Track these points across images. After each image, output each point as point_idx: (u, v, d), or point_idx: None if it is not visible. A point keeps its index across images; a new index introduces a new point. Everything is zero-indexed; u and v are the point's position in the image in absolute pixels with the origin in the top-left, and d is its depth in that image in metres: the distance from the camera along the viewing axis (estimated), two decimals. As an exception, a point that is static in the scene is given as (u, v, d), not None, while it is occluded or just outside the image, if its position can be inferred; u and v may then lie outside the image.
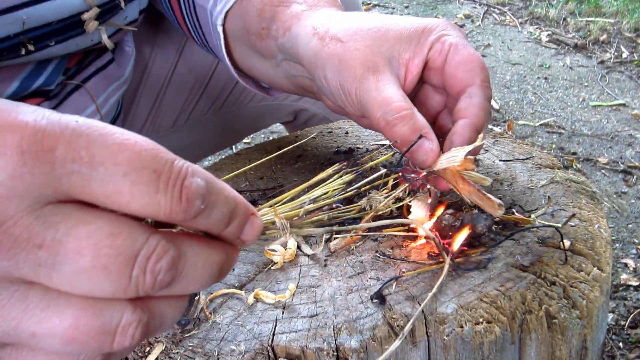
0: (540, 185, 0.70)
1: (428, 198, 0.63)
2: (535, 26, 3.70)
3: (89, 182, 0.30)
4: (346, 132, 0.90)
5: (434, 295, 0.53)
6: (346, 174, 0.50)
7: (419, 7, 3.98)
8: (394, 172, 0.58)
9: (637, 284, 1.76)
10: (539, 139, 2.55)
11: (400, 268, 0.58)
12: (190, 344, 0.52)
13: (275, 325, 0.53)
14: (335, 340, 0.50)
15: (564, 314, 0.53)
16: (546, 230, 0.62)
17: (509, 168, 0.75)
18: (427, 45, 0.64)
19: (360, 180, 0.51)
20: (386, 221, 0.57)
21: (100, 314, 0.31)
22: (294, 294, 0.56)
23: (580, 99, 2.89)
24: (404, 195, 0.58)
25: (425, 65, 0.65)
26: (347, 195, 0.48)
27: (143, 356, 0.52)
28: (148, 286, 0.31)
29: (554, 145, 2.51)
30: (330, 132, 0.90)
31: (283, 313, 0.54)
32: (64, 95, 0.86)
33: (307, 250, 0.63)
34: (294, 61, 0.71)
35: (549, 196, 0.67)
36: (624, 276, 1.80)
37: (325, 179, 0.49)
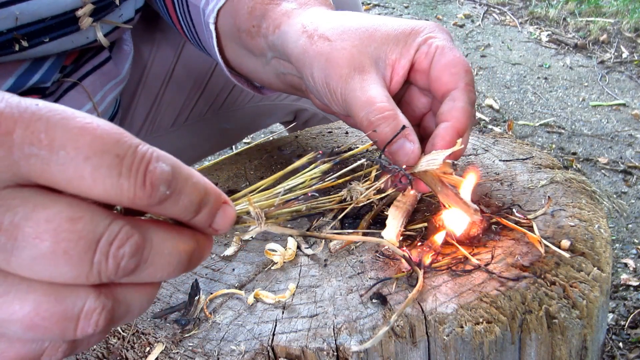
0: (540, 185, 0.70)
1: (405, 204, 0.63)
2: (535, 26, 3.69)
3: (49, 166, 0.29)
4: (346, 132, 0.90)
5: (410, 302, 0.53)
6: (323, 163, 0.50)
7: (419, 7, 3.98)
8: (374, 164, 0.58)
9: (637, 284, 1.76)
10: (539, 139, 2.55)
11: (400, 268, 0.58)
12: (190, 344, 0.52)
13: (275, 325, 0.53)
14: (335, 340, 0.50)
15: (564, 314, 0.53)
16: (546, 230, 0.62)
17: (509, 168, 0.75)
18: (414, 47, 0.64)
19: (338, 170, 0.50)
20: (358, 237, 0.57)
21: (62, 300, 0.31)
22: (294, 294, 0.56)
23: (580, 99, 2.89)
24: (386, 186, 0.58)
25: (411, 67, 0.65)
26: (325, 185, 0.48)
27: (143, 356, 0.52)
28: (111, 272, 0.31)
29: (554, 145, 2.51)
30: (330, 132, 0.90)
31: (283, 313, 0.54)
32: (60, 92, 0.86)
33: (307, 250, 0.63)
34: (283, 59, 0.72)
35: (549, 196, 0.67)
36: (624, 276, 1.80)
37: (300, 168, 0.48)
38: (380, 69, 0.64)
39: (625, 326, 1.61)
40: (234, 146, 2.17)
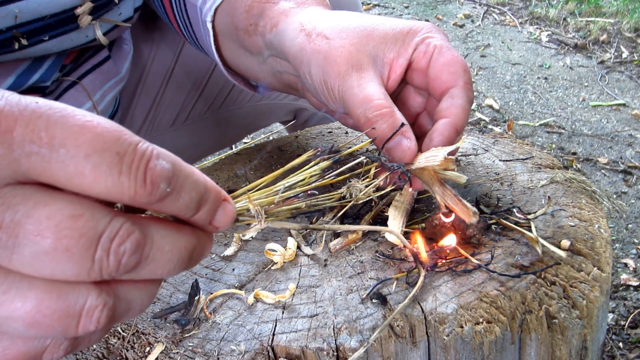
0: (540, 185, 0.70)
1: (404, 203, 0.63)
2: (535, 26, 3.69)
3: (49, 164, 0.29)
4: (346, 132, 0.90)
5: (410, 300, 0.53)
6: (323, 161, 0.50)
7: (419, 7, 3.98)
8: (373, 161, 0.58)
9: (637, 284, 1.76)
10: (539, 139, 2.55)
11: (400, 268, 0.58)
12: (190, 344, 0.52)
13: (275, 325, 0.53)
14: (335, 340, 0.50)
15: (564, 314, 0.53)
16: (546, 230, 0.62)
17: (509, 168, 0.75)
18: (412, 46, 0.65)
19: (338, 168, 0.50)
20: (363, 227, 0.57)
21: (64, 297, 0.31)
22: (294, 294, 0.56)
23: (580, 99, 2.89)
24: (385, 184, 0.58)
25: (409, 66, 0.66)
26: (325, 182, 0.48)
27: (143, 356, 0.52)
28: (112, 269, 0.31)
29: (554, 145, 2.51)
30: (330, 132, 0.90)
31: (283, 313, 0.54)
32: (60, 91, 0.86)
33: (307, 250, 0.63)
34: (280, 57, 0.72)
35: (549, 196, 0.67)
36: (624, 276, 1.80)
37: (300, 166, 0.48)
38: (378, 67, 0.65)
39: (625, 326, 1.61)
40: (233, 146, 2.17)
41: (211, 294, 0.58)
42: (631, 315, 1.64)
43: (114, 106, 0.98)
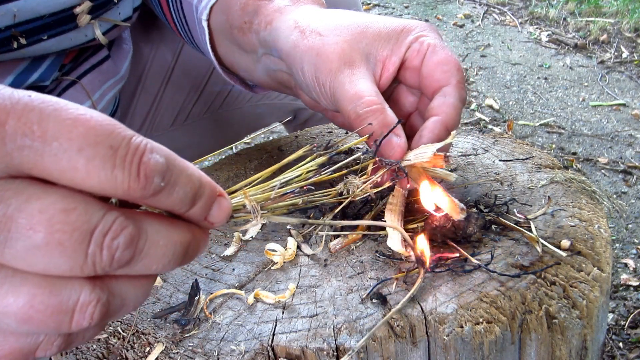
0: (540, 185, 0.70)
1: (397, 205, 0.63)
2: (535, 26, 3.69)
3: (42, 158, 0.29)
4: (346, 132, 0.90)
5: (409, 299, 0.53)
6: (319, 156, 0.50)
7: (419, 7, 3.98)
8: (370, 157, 0.58)
9: (637, 284, 1.76)
10: (539, 139, 2.55)
11: (400, 268, 0.58)
12: (190, 344, 0.52)
13: (275, 325, 0.53)
14: (335, 340, 0.50)
15: (564, 314, 0.53)
16: (546, 230, 0.62)
17: (509, 168, 0.75)
18: (405, 45, 0.65)
19: (334, 164, 0.50)
20: (364, 222, 0.57)
21: (57, 292, 0.31)
22: (294, 294, 0.56)
23: (580, 99, 2.89)
24: (382, 180, 0.58)
25: (402, 64, 0.66)
26: (322, 178, 0.48)
27: (143, 356, 0.52)
28: (106, 263, 0.31)
29: (554, 145, 2.51)
30: (330, 132, 0.90)
31: (283, 313, 0.54)
32: (59, 91, 0.86)
33: (307, 250, 0.63)
34: (273, 55, 0.72)
35: (549, 196, 0.67)
36: (624, 276, 1.80)
37: (297, 161, 0.48)
38: (370, 64, 0.65)
39: (625, 326, 1.61)
40: (234, 146, 2.17)
41: (211, 294, 0.58)
42: (631, 315, 1.64)
43: (113, 105, 0.98)
